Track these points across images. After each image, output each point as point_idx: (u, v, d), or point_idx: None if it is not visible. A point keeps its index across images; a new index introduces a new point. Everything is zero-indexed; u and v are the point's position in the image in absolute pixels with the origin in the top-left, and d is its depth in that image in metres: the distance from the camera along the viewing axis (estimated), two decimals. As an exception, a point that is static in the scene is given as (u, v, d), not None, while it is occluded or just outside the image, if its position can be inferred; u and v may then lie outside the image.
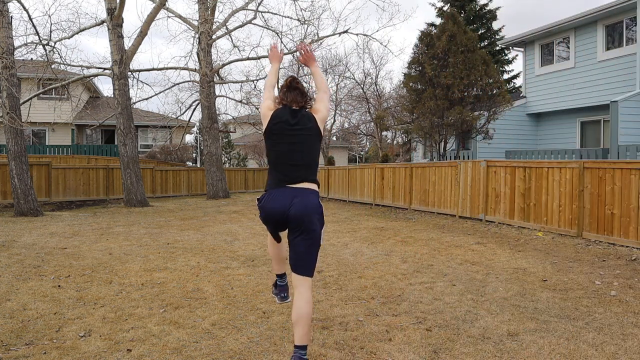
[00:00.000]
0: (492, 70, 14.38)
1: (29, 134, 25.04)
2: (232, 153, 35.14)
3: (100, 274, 5.78)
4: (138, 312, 4.29)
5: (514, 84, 25.05)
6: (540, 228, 8.90)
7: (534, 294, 4.84)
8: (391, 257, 6.83)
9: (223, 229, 9.93)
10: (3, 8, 12.06)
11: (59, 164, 17.77)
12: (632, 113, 12.22)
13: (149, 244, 7.91)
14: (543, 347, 3.47)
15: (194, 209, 14.85)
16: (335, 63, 30.87)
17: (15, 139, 12.25)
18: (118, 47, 15.16)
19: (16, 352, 3.38)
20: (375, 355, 3.35)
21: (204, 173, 21.22)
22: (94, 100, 29.18)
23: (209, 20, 17.74)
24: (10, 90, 12.16)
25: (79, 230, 9.63)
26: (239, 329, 3.88)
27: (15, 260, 6.54)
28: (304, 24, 19.29)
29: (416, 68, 15.25)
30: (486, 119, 14.64)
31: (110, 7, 15.00)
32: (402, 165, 13.87)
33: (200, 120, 24.49)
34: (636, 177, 7.16)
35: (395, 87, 34.23)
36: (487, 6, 23.77)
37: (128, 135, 15.34)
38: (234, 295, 4.86)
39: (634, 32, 13.38)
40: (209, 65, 18.20)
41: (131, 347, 3.48)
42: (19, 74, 13.60)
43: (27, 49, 15.05)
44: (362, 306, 4.48)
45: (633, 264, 6.19)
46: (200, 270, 5.96)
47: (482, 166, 10.49)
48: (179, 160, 25.81)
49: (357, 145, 46.69)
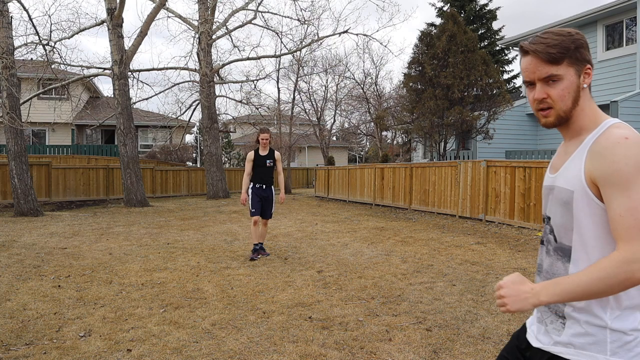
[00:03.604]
0: (492, 70, 14.38)
1: (29, 134, 25.05)
2: (232, 153, 35.13)
3: (100, 274, 5.78)
4: (138, 312, 4.29)
5: (514, 84, 25.06)
6: (540, 228, 8.90)
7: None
8: (391, 257, 6.83)
9: (223, 229, 9.93)
10: (3, 8, 12.06)
11: (59, 164, 17.77)
12: (632, 113, 12.22)
13: (149, 244, 7.91)
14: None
15: (194, 209, 14.85)
16: (335, 63, 30.82)
17: (15, 139, 12.25)
18: (118, 47, 15.16)
19: (16, 352, 3.38)
20: (375, 355, 3.34)
21: (204, 173, 21.23)
22: (94, 100, 29.17)
23: (209, 20, 17.74)
24: (10, 90, 12.16)
25: (79, 230, 9.63)
26: (239, 329, 3.88)
27: (15, 260, 6.54)
28: (304, 24, 19.32)
29: (416, 68, 15.26)
30: (486, 119, 14.64)
31: (110, 7, 15.00)
32: (402, 165, 13.87)
33: (200, 120, 24.50)
34: (636, 177, 7.15)
35: (395, 87, 34.25)
36: (487, 6, 23.78)
37: (128, 135, 15.34)
38: (234, 295, 4.86)
39: (634, 32, 13.38)
40: (209, 65, 18.20)
41: (131, 347, 3.48)
42: (19, 74, 13.60)
43: (27, 49, 15.06)
44: (362, 306, 4.48)
45: (633, 264, 6.19)
46: (200, 270, 5.97)
47: (482, 166, 10.49)
48: (179, 160, 25.80)
49: (357, 145, 46.70)
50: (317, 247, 7.70)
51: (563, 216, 1.31)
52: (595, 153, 1.23)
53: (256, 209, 6.64)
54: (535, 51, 1.28)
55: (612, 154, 1.19)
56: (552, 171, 1.41)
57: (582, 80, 1.30)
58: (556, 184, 1.34)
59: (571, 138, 1.35)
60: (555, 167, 1.40)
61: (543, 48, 1.27)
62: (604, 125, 1.28)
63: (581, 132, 1.32)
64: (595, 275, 1.16)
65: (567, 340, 1.30)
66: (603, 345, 1.25)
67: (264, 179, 6.74)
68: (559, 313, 1.33)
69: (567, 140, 1.37)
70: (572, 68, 1.28)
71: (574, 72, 1.28)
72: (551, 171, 1.41)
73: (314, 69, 29.64)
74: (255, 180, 6.75)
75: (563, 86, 1.28)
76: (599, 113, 1.32)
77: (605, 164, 1.20)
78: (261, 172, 6.72)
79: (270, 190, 6.82)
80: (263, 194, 6.73)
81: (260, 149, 6.77)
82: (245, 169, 6.81)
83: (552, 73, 1.27)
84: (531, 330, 1.46)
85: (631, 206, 1.16)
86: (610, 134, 1.23)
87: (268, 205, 6.80)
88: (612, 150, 1.19)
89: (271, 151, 6.80)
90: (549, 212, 1.39)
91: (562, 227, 1.32)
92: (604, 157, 1.20)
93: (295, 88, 27.19)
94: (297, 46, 21.22)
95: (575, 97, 1.29)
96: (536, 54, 1.28)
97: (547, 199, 1.41)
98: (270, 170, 6.77)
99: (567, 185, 1.29)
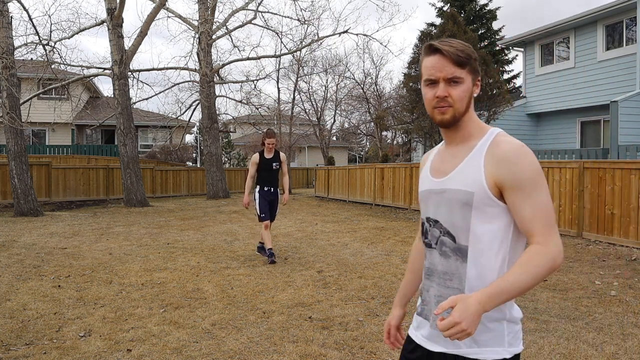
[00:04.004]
0: (492, 71, 14.38)
1: (29, 134, 25.04)
2: (232, 153, 35.10)
3: (100, 274, 5.78)
4: (138, 312, 4.29)
5: (514, 84, 25.03)
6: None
7: (534, 294, 4.84)
8: (391, 257, 6.83)
9: (223, 229, 9.94)
10: (3, 8, 12.06)
11: (59, 164, 17.77)
12: (632, 113, 12.21)
13: (149, 244, 7.91)
14: (543, 347, 3.47)
15: (194, 209, 14.85)
16: (335, 63, 30.80)
17: (15, 139, 12.25)
18: (118, 47, 15.16)
19: (16, 352, 3.38)
20: (375, 355, 3.35)
21: (204, 173, 21.22)
22: (94, 100, 29.17)
23: (209, 20, 17.74)
24: (10, 90, 12.16)
25: (79, 230, 9.63)
26: (239, 329, 3.88)
27: (15, 260, 6.54)
28: (304, 24, 19.32)
29: (416, 68, 15.26)
30: (486, 119, 14.63)
31: (110, 7, 15.00)
32: (402, 165, 13.87)
33: (200, 120, 24.49)
34: (636, 177, 7.15)
35: (395, 87, 34.23)
36: (487, 6, 23.76)
37: (128, 135, 15.34)
38: (234, 295, 4.86)
39: (634, 32, 13.37)
40: (209, 65, 18.20)
41: (131, 347, 3.48)
42: (19, 74, 13.60)
43: (27, 49, 15.05)
44: (362, 306, 4.48)
45: (633, 264, 6.19)
46: (200, 270, 5.97)
47: (482, 166, 10.48)
48: (179, 160, 25.80)
49: (357, 145, 46.69)
50: (317, 247, 7.70)
51: (460, 217, 1.35)
52: (501, 159, 1.31)
53: (266, 214, 6.52)
54: (448, 52, 1.35)
55: (520, 160, 1.29)
56: (438, 175, 1.45)
57: (474, 89, 1.41)
58: (449, 186, 1.38)
59: (458, 143, 1.43)
60: (442, 170, 1.44)
61: (454, 50, 1.35)
62: (492, 133, 1.39)
63: (469, 137, 1.41)
64: (531, 270, 1.21)
65: (470, 339, 1.32)
66: (502, 337, 1.33)
67: (271, 181, 6.64)
68: None
69: (453, 144, 1.45)
70: (470, 76, 1.38)
71: (471, 80, 1.38)
72: (436, 175, 1.45)
73: (314, 69, 29.66)
74: (261, 183, 6.60)
75: (463, 88, 1.36)
76: (481, 122, 1.44)
77: (515, 169, 1.29)
78: (267, 175, 6.62)
79: (277, 193, 6.75)
80: (271, 197, 6.63)
81: (266, 152, 6.61)
82: (249, 171, 6.67)
83: (456, 75, 1.35)
84: (423, 338, 1.45)
85: (541, 206, 1.28)
86: (509, 142, 1.33)
87: (274, 207, 6.73)
88: (518, 157, 1.30)
89: (276, 153, 6.72)
90: (436, 214, 1.42)
91: (459, 228, 1.36)
92: (513, 163, 1.29)
93: (295, 88, 27.21)
94: (297, 46, 21.23)
95: (468, 102, 1.38)
96: (448, 55, 1.35)
97: (433, 202, 1.44)
98: (276, 172, 6.70)
99: (466, 187, 1.34)
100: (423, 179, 1.52)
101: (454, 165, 1.41)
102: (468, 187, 1.34)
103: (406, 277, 1.72)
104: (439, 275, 1.41)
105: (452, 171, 1.40)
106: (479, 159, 1.35)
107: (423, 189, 1.50)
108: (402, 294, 1.71)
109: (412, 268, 1.70)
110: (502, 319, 1.34)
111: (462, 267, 1.36)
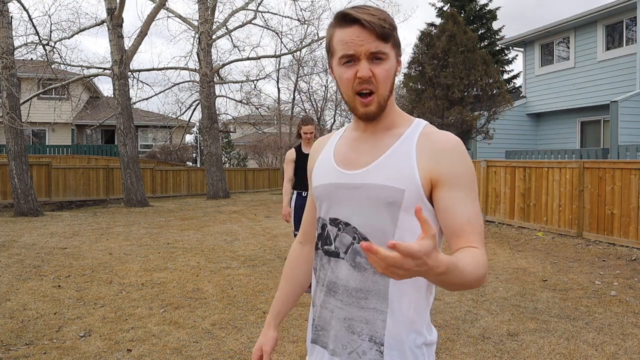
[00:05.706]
0: (492, 70, 14.38)
1: (29, 134, 25.04)
2: (232, 153, 35.12)
3: (100, 274, 5.78)
4: (138, 312, 4.29)
5: (514, 84, 25.04)
6: (540, 228, 8.90)
7: (534, 294, 4.84)
8: (391, 257, 6.82)
9: (223, 229, 9.93)
10: (3, 8, 12.06)
11: (59, 164, 17.77)
12: (632, 113, 12.21)
13: (149, 244, 7.91)
14: (543, 347, 3.47)
15: (194, 209, 14.85)
16: (336, 63, 30.81)
17: (15, 139, 12.25)
18: (118, 47, 15.16)
19: (16, 352, 3.38)
20: (375, 355, 3.34)
21: (204, 173, 21.22)
22: (94, 100, 29.18)
23: (209, 20, 17.74)
24: (10, 90, 12.15)
25: (79, 230, 9.63)
26: (239, 329, 3.88)
27: (15, 260, 6.54)
28: (304, 24, 19.31)
29: (416, 68, 15.26)
30: (486, 119, 14.65)
31: (110, 7, 15.00)
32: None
33: (200, 120, 24.48)
34: (636, 177, 7.16)
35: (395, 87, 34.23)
36: (487, 6, 23.76)
37: (128, 135, 15.34)
38: (234, 295, 4.86)
39: (634, 32, 13.38)
40: (209, 65, 18.20)
41: (131, 347, 3.48)
42: (19, 74, 13.59)
43: (27, 49, 15.04)
44: (362, 306, 4.47)
45: (633, 264, 6.19)
46: (200, 270, 5.96)
47: (482, 166, 10.49)
48: (179, 160, 25.81)
49: (357, 145, 46.72)
50: (317, 247, 7.69)
51: (381, 218, 1.10)
52: (439, 151, 1.10)
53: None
54: (370, 22, 1.06)
55: (461, 156, 1.10)
56: (349, 166, 1.17)
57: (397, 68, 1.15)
58: (369, 181, 1.12)
59: (378, 132, 1.17)
60: (355, 162, 1.17)
61: (376, 20, 1.07)
62: (420, 122, 1.18)
63: (391, 126, 1.17)
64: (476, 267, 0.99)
65: None
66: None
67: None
68: (376, 339, 1.12)
69: (369, 132, 1.18)
70: (394, 51, 1.12)
71: (394, 56, 1.12)
72: (346, 166, 1.17)
73: (314, 69, 29.64)
74: (299, 187, 5.07)
75: (387, 67, 1.10)
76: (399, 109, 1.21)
77: (455, 164, 1.09)
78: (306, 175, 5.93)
79: None
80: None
81: (303, 146, 5.00)
82: (285, 173, 5.12)
83: (381, 50, 1.08)
84: None
85: (477, 212, 1.08)
86: (446, 134, 1.13)
87: None
88: (460, 151, 1.10)
89: None
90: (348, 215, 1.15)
91: (379, 231, 1.11)
92: (453, 158, 1.09)
93: (295, 88, 27.22)
94: (297, 46, 21.23)
95: (392, 84, 1.14)
96: (369, 25, 1.06)
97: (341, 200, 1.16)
98: None
99: (393, 183, 1.09)
100: (323, 170, 1.22)
101: (374, 156, 1.14)
102: (396, 183, 1.09)
103: (282, 289, 1.40)
104: (350, 294, 1.14)
105: (371, 163, 1.14)
106: (408, 151, 1.12)
107: (324, 182, 1.20)
108: (277, 311, 1.38)
109: (290, 276, 1.39)
110: (422, 343, 1.13)
111: (383, 283, 1.10)
